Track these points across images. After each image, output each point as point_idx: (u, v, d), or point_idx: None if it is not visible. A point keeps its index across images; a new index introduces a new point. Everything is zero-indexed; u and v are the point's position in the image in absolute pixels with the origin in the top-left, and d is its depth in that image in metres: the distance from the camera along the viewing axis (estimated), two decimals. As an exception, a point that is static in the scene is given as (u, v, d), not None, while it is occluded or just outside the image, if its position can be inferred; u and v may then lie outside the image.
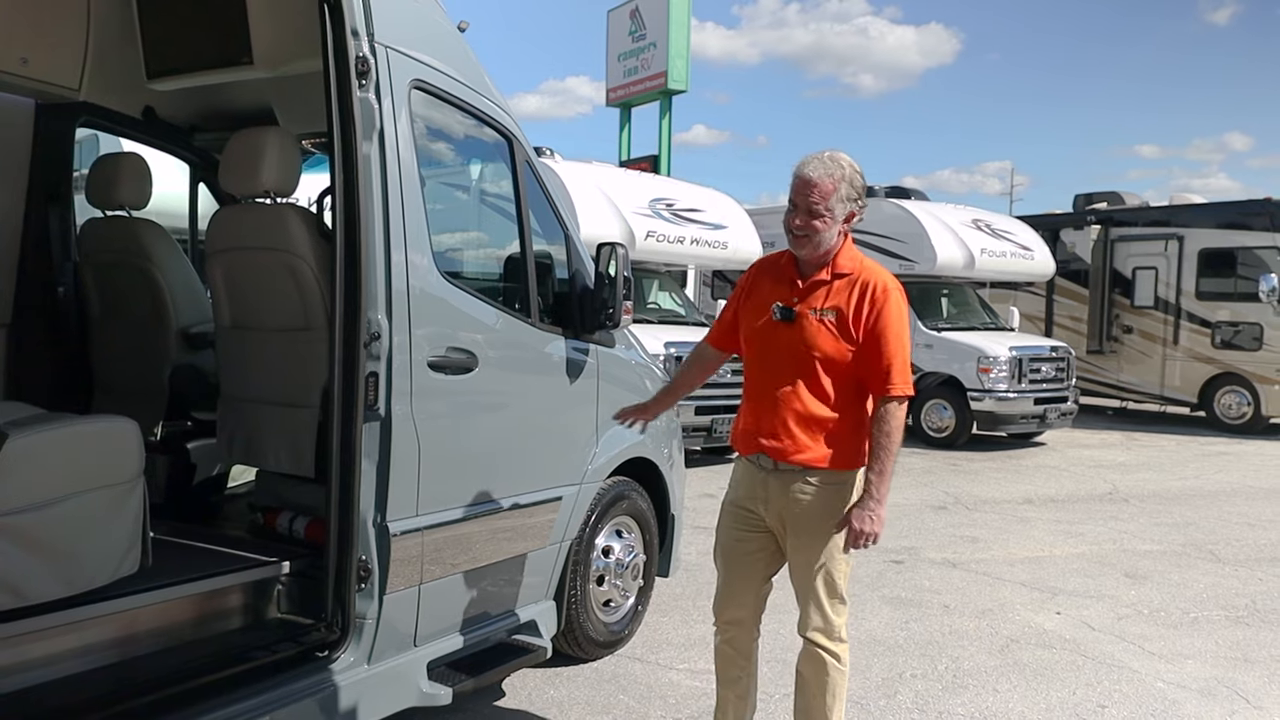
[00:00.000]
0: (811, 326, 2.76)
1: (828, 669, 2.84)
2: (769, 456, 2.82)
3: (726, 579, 3.02)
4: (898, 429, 2.73)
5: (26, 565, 2.40)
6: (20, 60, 3.67)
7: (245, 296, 3.37)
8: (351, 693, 2.91)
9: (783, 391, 2.79)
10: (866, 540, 2.70)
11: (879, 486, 2.70)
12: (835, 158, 2.75)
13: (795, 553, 2.86)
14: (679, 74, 20.99)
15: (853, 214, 2.76)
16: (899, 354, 2.73)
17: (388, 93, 2.95)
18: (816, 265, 2.81)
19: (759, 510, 2.90)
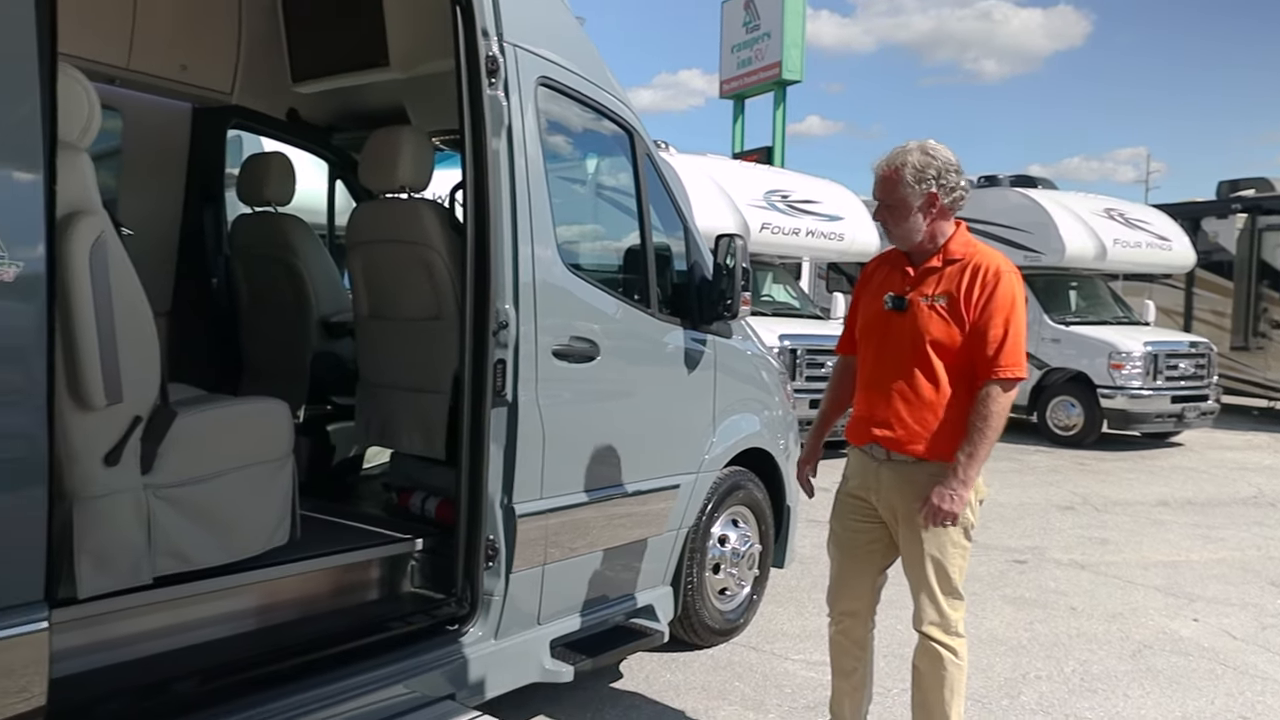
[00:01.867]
0: (923, 314, 2.72)
1: (944, 663, 2.81)
2: (881, 447, 2.81)
3: (841, 569, 3.02)
4: (998, 413, 2.65)
5: (192, 533, 2.61)
6: (180, 67, 3.96)
7: (382, 287, 3.55)
8: (479, 665, 3.05)
9: (895, 381, 2.76)
10: (944, 519, 2.65)
11: (966, 468, 2.64)
12: (902, 147, 2.74)
13: (908, 545, 2.83)
14: (794, 64, 20.75)
15: (933, 196, 2.69)
16: (1010, 336, 2.66)
17: (515, 90, 3.05)
18: (927, 253, 2.78)
19: (872, 501, 2.89)
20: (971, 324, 2.67)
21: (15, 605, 1.85)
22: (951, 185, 2.71)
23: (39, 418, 1.88)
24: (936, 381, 2.72)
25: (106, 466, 2.39)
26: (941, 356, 2.70)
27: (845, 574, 2.99)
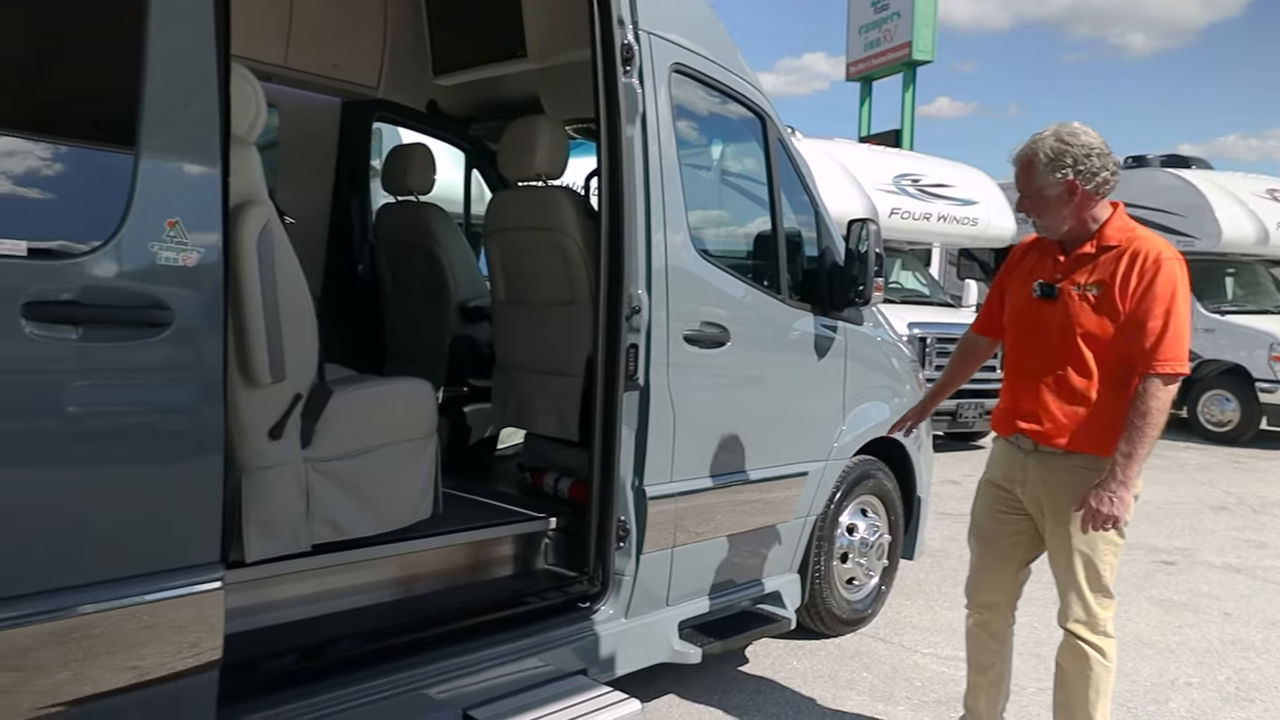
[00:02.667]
0: (1074, 303, 2.61)
1: (1090, 663, 2.70)
2: (1028, 438, 2.72)
3: (981, 561, 2.94)
4: (1159, 410, 2.50)
5: (345, 504, 2.76)
6: (331, 64, 4.17)
7: (519, 273, 3.66)
8: (609, 643, 3.11)
9: (1043, 372, 2.67)
10: (1104, 523, 2.52)
11: (1125, 468, 2.50)
12: (1037, 135, 2.62)
13: (1055, 540, 2.73)
14: (925, 43, 20.13)
15: (1072, 184, 2.55)
16: (1171, 328, 2.50)
17: (650, 77, 3.08)
18: (1080, 240, 2.65)
19: (1017, 493, 2.80)
20: (1127, 314, 2.54)
21: (196, 565, 2.01)
22: (1093, 170, 2.55)
23: (215, 393, 2.03)
24: (1087, 374, 2.61)
25: (271, 440, 2.56)
26: (1093, 348, 2.60)
27: (986, 566, 2.92)
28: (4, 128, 1.79)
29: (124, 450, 1.93)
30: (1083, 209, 2.61)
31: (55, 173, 1.88)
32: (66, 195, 1.88)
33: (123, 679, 1.94)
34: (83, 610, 1.87)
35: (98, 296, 1.85)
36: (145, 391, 1.95)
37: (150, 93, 1.91)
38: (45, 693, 1.84)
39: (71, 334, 1.83)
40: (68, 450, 1.85)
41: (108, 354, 1.89)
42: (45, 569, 1.83)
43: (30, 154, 1.84)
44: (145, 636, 1.96)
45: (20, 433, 1.80)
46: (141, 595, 1.95)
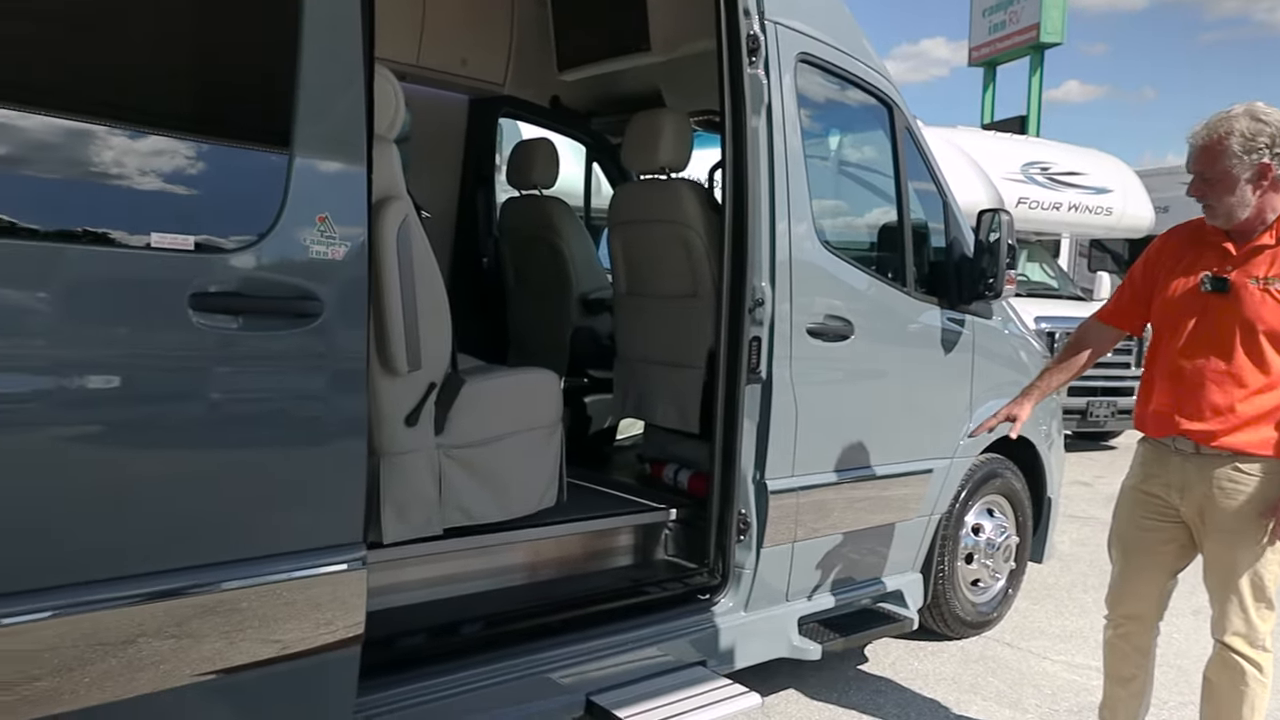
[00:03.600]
0: (1253, 298, 2.45)
1: (1247, 679, 2.55)
2: (1190, 440, 2.55)
3: (1125, 570, 2.79)
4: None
5: (475, 490, 2.85)
6: (461, 62, 4.29)
7: (641, 265, 3.69)
8: (729, 636, 3.12)
9: (1212, 368, 2.50)
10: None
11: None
12: (1225, 114, 2.43)
13: (1217, 548, 2.57)
14: (1054, 25, 19.28)
15: (1265, 167, 2.38)
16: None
17: (775, 67, 3.06)
18: (1254, 230, 2.49)
19: (1172, 499, 2.64)
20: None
21: (343, 544, 2.11)
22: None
23: (359, 380, 2.12)
24: (1266, 369, 2.45)
25: (407, 427, 2.66)
26: (1275, 345, 2.44)
27: (1131, 575, 2.77)
28: (171, 131, 1.90)
29: (277, 434, 2.03)
30: (1268, 195, 2.45)
31: (217, 172, 1.99)
32: (228, 193, 1.99)
33: (270, 650, 2.05)
34: (232, 585, 1.98)
35: (255, 288, 1.96)
36: (296, 379, 2.05)
37: (304, 95, 2.01)
38: (205, 660, 1.96)
39: (232, 323, 1.93)
40: (226, 433, 1.97)
41: (263, 343, 1.99)
42: (203, 545, 1.95)
43: (194, 155, 1.95)
44: (291, 611, 2.06)
45: (185, 416, 1.92)
46: (292, 572, 2.05)
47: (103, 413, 1.83)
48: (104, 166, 1.83)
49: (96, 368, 1.81)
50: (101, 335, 1.82)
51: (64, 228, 1.78)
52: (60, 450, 1.78)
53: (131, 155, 1.87)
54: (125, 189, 1.86)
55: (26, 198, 1.75)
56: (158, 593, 1.90)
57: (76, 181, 1.81)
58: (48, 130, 1.76)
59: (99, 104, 1.83)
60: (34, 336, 1.74)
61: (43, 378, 1.76)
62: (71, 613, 1.79)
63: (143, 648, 1.88)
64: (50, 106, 1.76)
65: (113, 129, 1.83)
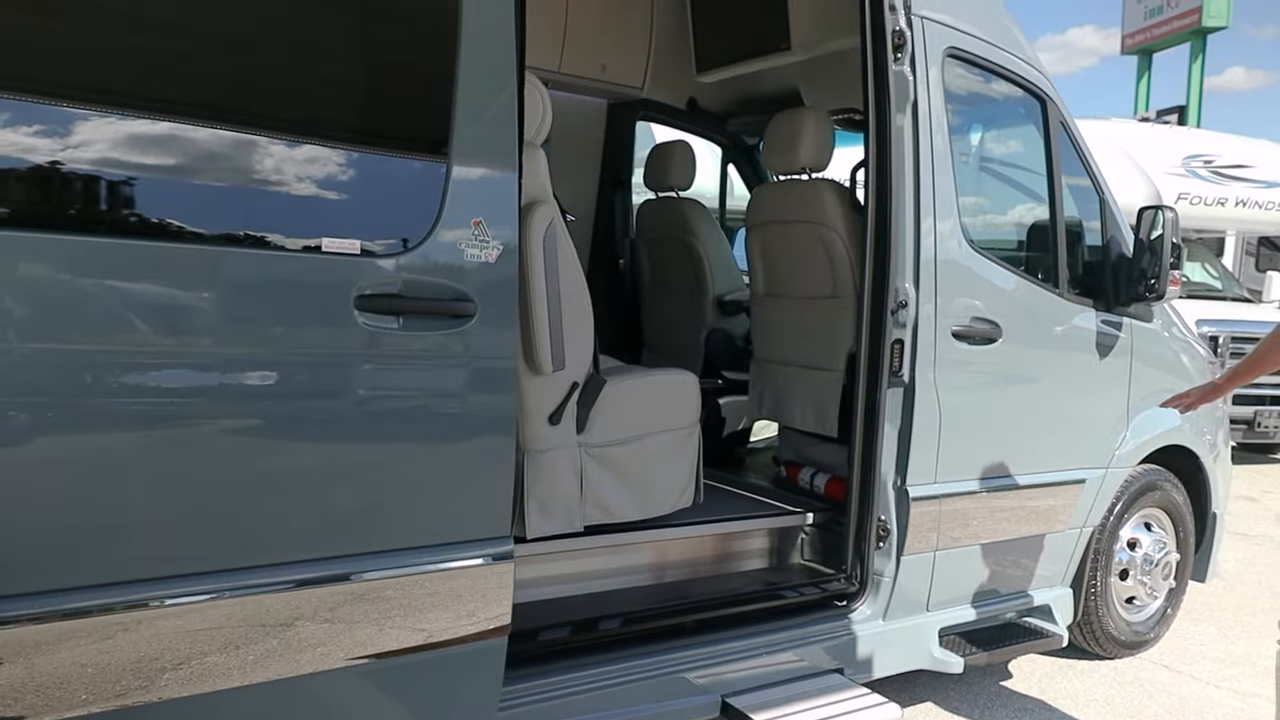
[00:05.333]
0: None
1: None
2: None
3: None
4: None
5: (614, 489, 2.89)
6: (601, 68, 4.36)
7: (780, 266, 3.66)
8: (867, 644, 3.06)
9: None
10: None
11: None
12: None
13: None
14: (1219, 8, 18.06)
15: None
16: None
17: (922, 63, 2.98)
18: None
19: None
20: None
21: (493, 537, 2.18)
22: None
23: (510, 379, 2.19)
24: None
25: (551, 425, 2.73)
26: None
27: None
28: (338, 141, 2.01)
29: (432, 430, 2.12)
30: None
31: (381, 179, 2.09)
32: (390, 199, 2.09)
33: (419, 638, 2.14)
34: (385, 574, 2.06)
35: (416, 289, 2.05)
36: (450, 377, 2.13)
37: (461, 104, 2.09)
38: (357, 645, 2.06)
39: (393, 323, 2.03)
40: (385, 428, 2.06)
41: (421, 342, 2.08)
42: (363, 534, 2.05)
43: (359, 163, 2.05)
44: (439, 600, 2.14)
45: (347, 411, 2.02)
46: (445, 563, 2.14)
47: (272, 407, 1.94)
48: (276, 176, 1.95)
49: (269, 364, 1.93)
50: (274, 334, 1.93)
51: (246, 232, 1.91)
52: (231, 442, 1.90)
53: (303, 165, 1.98)
54: (299, 197, 1.97)
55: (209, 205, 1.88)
56: (313, 579, 1.99)
57: (254, 189, 1.94)
58: (228, 143, 1.89)
59: (277, 119, 1.95)
60: (210, 335, 1.86)
61: (218, 374, 1.87)
62: (235, 595, 1.91)
63: (303, 630, 1.99)
64: (229, 121, 1.88)
65: (290, 142, 1.95)
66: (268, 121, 1.94)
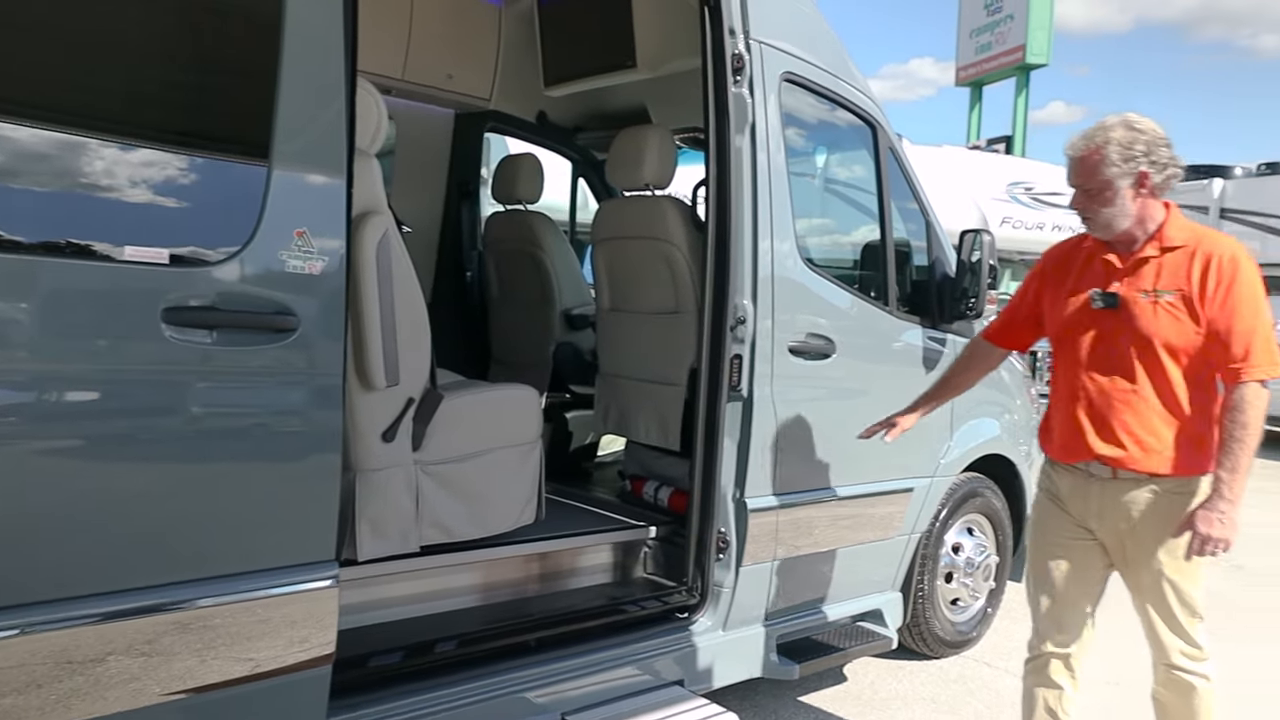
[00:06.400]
0: (1145, 312, 2.40)
1: (1197, 691, 2.51)
2: (1105, 465, 2.48)
3: (1058, 596, 2.64)
4: (1258, 418, 2.33)
5: (452, 507, 2.83)
6: (447, 77, 4.29)
7: (624, 281, 3.68)
8: (706, 655, 3.10)
9: (1118, 389, 2.44)
10: (1215, 547, 2.33)
11: (1230, 485, 2.32)
12: (1100, 124, 2.41)
13: (1143, 573, 2.50)
14: (1040, 46, 19.52)
15: (1144, 175, 2.37)
16: (1258, 330, 2.33)
17: (760, 86, 3.07)
18: (1136, 241, 2.45)
19: (1089, 523, 2.57)
20: (1209, 321, 2.35)
21: (313, 562, 2.09)
22: (1164, 161, 2.38)
23: (335, 396, 2.11)
24: (1170, 387, 2.40)
25: (384, 443, 2.64)
26: (1174, 359, 2.39)
27: (1067, 599, 2.64)
28: (147, 141, 1.89)
29: (249, 449, 2.02)
30: (1147, 204, 2.43)
31: (194, 184, 1.98)
32: (204, 206, 1.98)
33: (241, 669, 2.03)
34: (205, 603, 1.96)
35: (230, 302, 1.94)
36: (270, 394, 2.04)
37: (284, 107, 2.00)
38: (174, 678, 1.94)
39: (206, 338, 1.92)
40: (197, 448, 1.95)
41: (237, 357, 1.98)
42: (171, 562, 1.93)
43: (171, 166, 1.94)
44: (263, 629, 2.04)
45: (154, 430, 1.91)
46: (262, 590, 2.04)
47: (73, 427, 1.82)
48: (77, 177, 1.82)
49: (68, 382, 1.80)
50: (73, 349, 1.80)
51: (37, 239, 1.77)
52: (30, 465, 1.77)
53: (105, 166, 1.85)
54: (97, 200, 1.85)
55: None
56: (127, 610, 1.88)
57: (49, 193, 1.81)
58: (22, 140, 1.75)
59: (71, 114, 1.82)
60: (3, 349, 1.72)
61: (12, 392, 1.74)
62: (39, 630, 1.77)
63: (112, 666, 1.86)
64: (24, 117, 1.75)
65: (85, 139, 1.82)
66: (67, 118, 1.81)
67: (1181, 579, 2.48)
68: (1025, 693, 2.80)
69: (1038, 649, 2.74)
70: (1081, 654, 2.69)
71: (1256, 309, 2.36)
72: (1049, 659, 2.70)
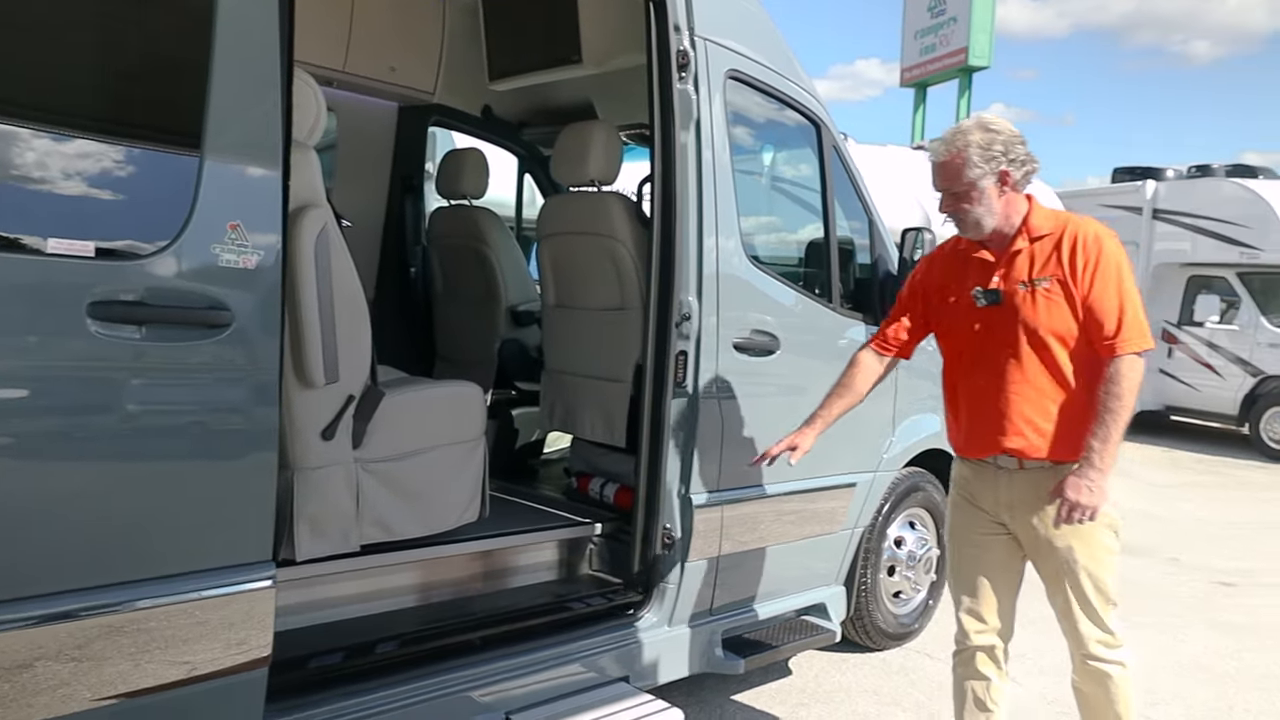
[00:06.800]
0: (1026, 302, 2.47)
1: (1114, 679, 2.57)
2: (1013, 457, 2.53)
3: (978, 590, 2.70)
4: (1131, 390, 2.38)
5: (394, 505, 2.79)
6: (389, 69, 4.22)
7: (570, 278, 3.67)
8: (652, 651, 3.10)
9: (1013, 382, 2.48)
10: (1082, 514, 2.38)
11: (1101, 455, 2.37)
12: (958, 128, 2.49)
13: (1055, 562, 2.54)
14: (981, 49, 19.81)
15: (1006, 173, 2.45)
16: (1129, 305, 2.41)
17: (705, 83, 3.07)
18: (1006, 236, 2.52)
19: (1001, 517, 2.62)
20: (1082, 299, 2.42)
21: (248, 563, 2.04)
22: (1022, 158, 2.47)
23: (271, 393, 2.06)
24: (1061, 373, 2.46)
25: (323, 440, 2.60)
26: (1063, 345, 2.45)
27: (987, 592, 2.69)
28: (74, 130, 1.83)
29: (180, 448, 1.97)
30: (1011, 201, 2.50)
31: (122, 175, 1.93)
32: (133, 197, 1.92)
33: (176, 673, 1.98)
34: (139, 605, 1.91)
35: (160, 297, 1.89)
36: (203, 391, 1.99)
37: (216, 97, 1.95)
38: (105, 684, 1.88)
39: (135, 333, 1.87)
40: (126, 447, 1.89)
41: (168, 353, 1.92)
42: (101, 564, 1.87)
43: (98, 156, 1.89)
44: (197, 632, 1.99)
45: (82, 429, 1.85)
46: (195, 592, 1.99)
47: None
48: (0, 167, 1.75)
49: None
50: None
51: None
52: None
53: (30, 156, 1.79)
54: (21, 191, 1.78)
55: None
56: (57, 614, 1.82)
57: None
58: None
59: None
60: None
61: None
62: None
63: (40, 671, 1.80)
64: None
65: (8, 127, 1.76)
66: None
67: (1094, 565, 2.52)
68: (955, 685, 2.85)
69: (963, 643, 2.79)
70: (1005, 644, 2.75)
71: (1123, 285, 2.43)
72: (974, 652, 2.75)
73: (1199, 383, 11.31)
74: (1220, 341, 11.10)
